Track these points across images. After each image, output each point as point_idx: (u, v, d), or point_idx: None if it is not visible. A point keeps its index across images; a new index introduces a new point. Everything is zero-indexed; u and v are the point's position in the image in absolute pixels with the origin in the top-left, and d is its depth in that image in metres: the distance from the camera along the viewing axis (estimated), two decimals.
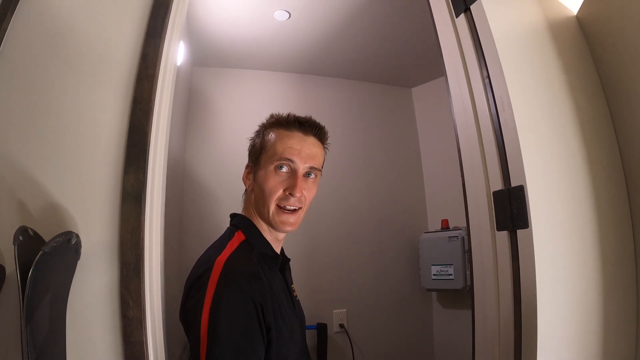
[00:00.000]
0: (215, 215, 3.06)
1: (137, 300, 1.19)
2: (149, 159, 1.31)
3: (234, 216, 1.49)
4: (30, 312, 1.00)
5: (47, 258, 1.04)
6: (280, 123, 1.45)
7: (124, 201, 1.25)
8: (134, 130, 1.31)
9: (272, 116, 1.49)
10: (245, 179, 1.49)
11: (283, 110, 1.49)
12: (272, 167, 1.38)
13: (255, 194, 1.42)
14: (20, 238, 1.05)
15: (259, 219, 1.42)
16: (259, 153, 1.43)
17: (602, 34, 1.61)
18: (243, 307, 1.14)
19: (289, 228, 1.40)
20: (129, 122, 1.32)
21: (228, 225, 1.47)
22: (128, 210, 1.25)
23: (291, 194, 1.37)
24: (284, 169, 1.38)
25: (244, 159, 1.52)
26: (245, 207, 1.49)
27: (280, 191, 1.38)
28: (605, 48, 1.59)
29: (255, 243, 1.36)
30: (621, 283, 1.41)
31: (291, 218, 1.39)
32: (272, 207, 1.38)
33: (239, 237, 1.35)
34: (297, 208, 1.40)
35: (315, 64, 3.47)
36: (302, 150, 1.40)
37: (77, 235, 1.19)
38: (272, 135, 1.42)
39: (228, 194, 3.06)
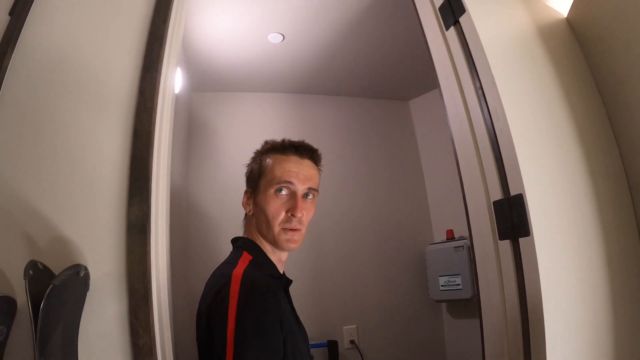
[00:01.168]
0: (219, 240, 3.06)
1: (147, 329, 1.20)
2: (151, 190, 1.32)
3: (236, 240, 1.51)
4: (43, 344, 1.01)
5: (57, 291, 1.05)
6: (276, 148, 1.49)
7: (129, 232, 1.26)
8: (136, 163, 1.33)
9: (267, 142, 1.54)
10: (245, 204, 1.53)
11: (282, 130, 1.53)
12: (272, 190, 1.42)
13: (257, 218, 1.46)
14: (31, 272, 1.07)
15: (262, 240, 1.45)
16: (258, 178, 1.47)
17: (593, 35, 1.63)
18: (267, 313, 1.18)
19: (293, 246, 1.44)
20: (131, 155, 1.34)
21: (231, 249, 1.49)
22: (133, 241, 1.26)
23: (293, 215, 1.41)
24: (284, 192, 1.42)
25: (244, 185, 1.55)
26: (247, 231, 1.52)
27: (283, 213, 1.41)
28: (598, 49, 1.61)
29: (261, 263, 1.39)
30: (628, 287, 1.41)
31: (295, 236, 1.43)
32: (277, 229, 1.42)
33: (246, 256, 1.37)
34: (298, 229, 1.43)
35: (312, 83, 3.50)
36: (300, 173, 1.44)
37: (86, 268, 1.20)
38: (269, 161, 1.47)
39: (231, 219, 3.00)
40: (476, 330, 3.04)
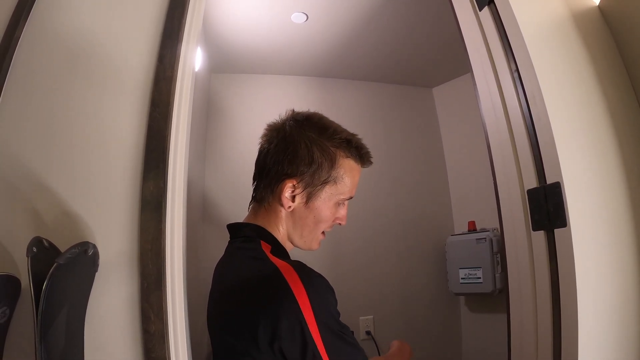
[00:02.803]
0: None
1: (159, 314, 1.14)
2: (169, 164, 1.26)
3: (240, 227, 1.38)
4: (45, 328, 0.96)
5: (62, 270, 1.00)
6: (352, 152, 1.37)
7: (144, 209, 1.21)
8: (153, 134, 1.27)
9: (349, 140, 1.36)
10: (288, 198, 1.30)
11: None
12: (335, 201, 1.34)
13: (299, 217, 1.33)
14: (34, 249, 1.01)
15: (279, 233, 1.34)
16: (324, 181, 1.31)
17: (625, 24, 1.56)
18: (336, 306, 1.13)
19: (317, 247, 1.39)
20: (147, 126, 1.28)
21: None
22: (148, 219, 1.20)
23: (340, 223, 1.39)
24: (346, 204, 1.38)
25: None
26: (264, 219, 1.35)
27: (331, 221, 1.35)
28: (631, 39, 1.54)
29: (279, 253, 1.27)
30: None
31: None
32: (319, 235, 1.36)
33: (266, 246, 1.26)
34: None
35: (334, 66, 3.43)
36: None
37: (95, 246, 1.14)
38: (343, 170, 1.34)
39: (247, 203, 2.99)
40: (494, 326, 3.03)
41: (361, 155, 1.39)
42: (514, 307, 1.48)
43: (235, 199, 3.07)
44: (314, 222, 1.32)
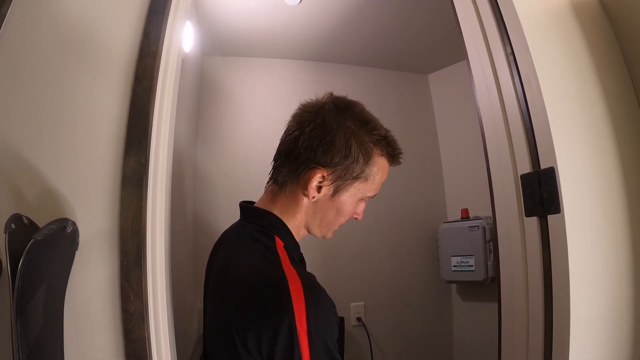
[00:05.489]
0: (229, 208, 2.98)
1: (139, 293, 1.11)
2: (151, 140, 1.23)
3: (253, 211, 1.32)
4: (22, 306, 0.93)
5: (39, 247, 0.97)
6: (387, 151, 1.33)
7: (124, 185, 1.18)
8: (135, 110, 1.24)
9: (387, 138, 1.32)
10: (314, 188, 1.24)
11: (296, 98, 1.38)
12: (360, 197, 1.31)
13: (320, 208, 1.29)
14: (13, 226, 0.98)
15: (294, 221, 1.29)
16: (356, 177, 1.26)
17: (624, 12, 1.53)
18: (334, 334, 1.07)
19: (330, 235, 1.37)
20: (130, 101, 1.25)
21: (239, 217, 1.37)
22: (128, 196, 1.17)
23: (356, 218, 1.37)
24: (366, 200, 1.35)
25: (256, 151, 1.43)
26: (283, 206, 1.29)
27: (350, 215, 1.33)
28: (629, 27, 1.52)
29: (291, 248, 1.24)
30: None
31: None
32: (337, 226, 1.35)
33: (279, 243, 1.21)
34: None
35: (328, 50, 3.40)
36: None
37: (74, 223, 1.11)
38: (377, 167, 1.29)
39: (241, 186, 3.03)
40: (486, 314, 3.03)
41: (394, 154, 1.35)
42: (505, 294, 1.47)
43: (228, 180, 3.07)
44: (335, 215, 1.29)
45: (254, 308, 1.04)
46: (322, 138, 1.22)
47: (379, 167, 1.30)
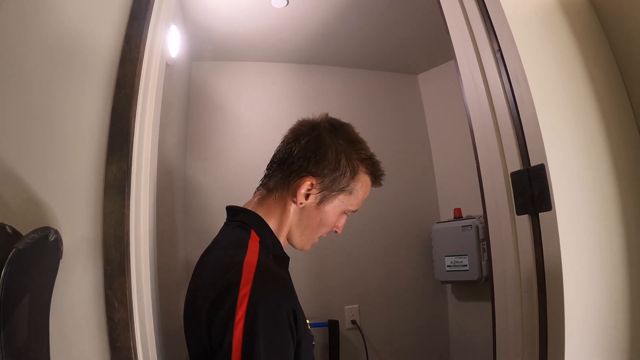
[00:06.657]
0: (219, 214, 2.97)
1: (123, 302, 1.10)
2: (133, 147, 1.22)
3: (237, 211, 1.36)
4: (6, 316, 0.91)
5: (22, 256, 0.96)
6: (371, 170, 1.40)
7: (107, 193, 1.17)
8: (117, 116, 1.23)
9: (372, 158, 1.42)
10: (303, 195, 1.30)
11: (285, 101, 1.43)
12: (343, 210, 1.36)
13: (305, 216, 1.34)
14: None
15: (279, 225, 1.33)
16: (342, 189, 1.34)
17: (613, 7, 1.53)
18: (281, 323, 1.04)
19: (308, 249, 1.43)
20: (112, 108, 1.24)
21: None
22: (111, 203, 1.16)
23: (336, 232, 1.42)
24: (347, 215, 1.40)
25: (246, 156, 1.42)
26: (269, 209, 1.33)
27: (331, 227, 1.39)
28: (617, 21, 1.52)
29: (268, 243, 1.25)
30: None
31: None
32: (316, 238, 1.39)
33: (255, 237, 1.23)
34: None
35: (317, 53, 3.40)
36: None
37: (57, 232, 1.10)
38: (361, 183, 1.37)
39: (231, 191, 2.99)
40: (481, 314, 3.02)
41: (377, 175, 1.42)
42: (498, 293, 1.47)
43: (217, 187, 3.05)
44: (318, 225, 1.34)
45: (209, 285, 1.10)
46: (316, 150, 1.30)
47: (363, 183, 1.37)
